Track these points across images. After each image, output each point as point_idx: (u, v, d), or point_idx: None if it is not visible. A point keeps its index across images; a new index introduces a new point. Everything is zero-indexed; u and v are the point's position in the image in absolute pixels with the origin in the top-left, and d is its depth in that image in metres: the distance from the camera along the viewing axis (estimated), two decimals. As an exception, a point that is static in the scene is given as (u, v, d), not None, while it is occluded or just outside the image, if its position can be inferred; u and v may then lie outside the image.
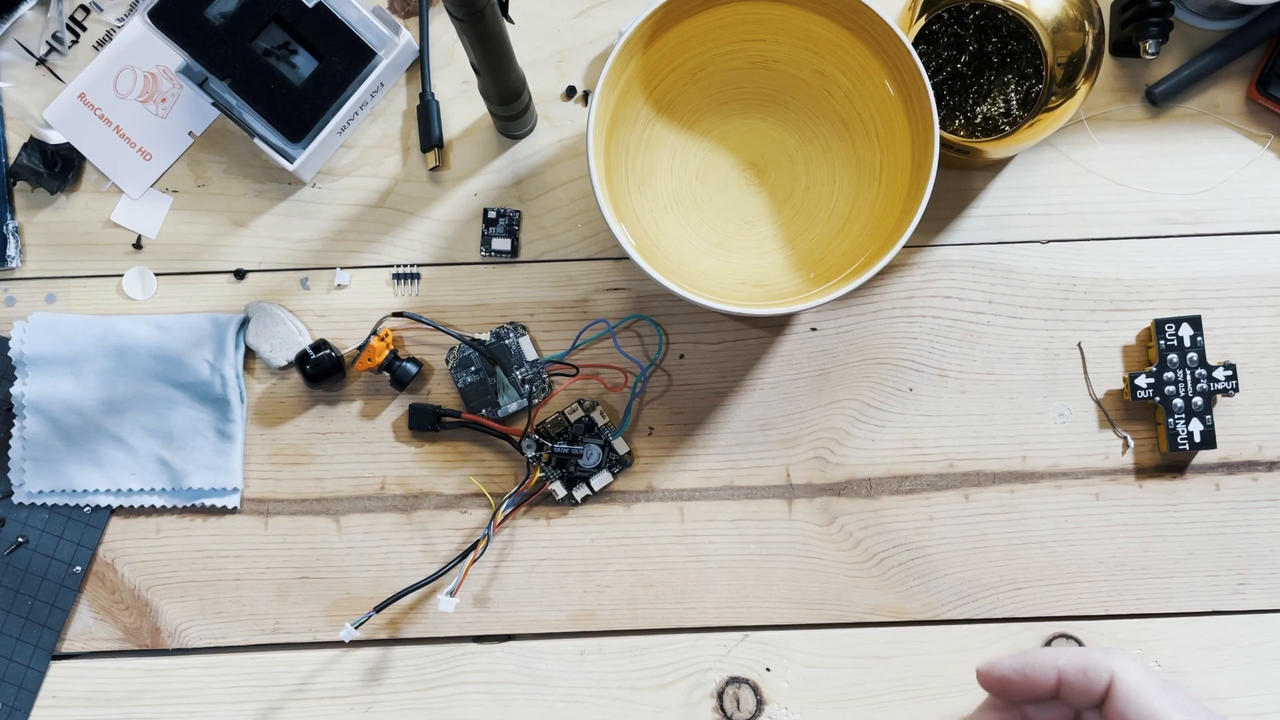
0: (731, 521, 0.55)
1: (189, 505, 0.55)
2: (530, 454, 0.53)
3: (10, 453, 0.54)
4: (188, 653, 0.55)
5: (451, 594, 0.51)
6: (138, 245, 0.56)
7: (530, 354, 0.55)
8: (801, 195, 0.54)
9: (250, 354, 0.56)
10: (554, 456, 0.54)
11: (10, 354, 0.54)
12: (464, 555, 0.53)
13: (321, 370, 0.54)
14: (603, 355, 0.55)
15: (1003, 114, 0.52)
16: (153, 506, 0.55)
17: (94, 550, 0.55)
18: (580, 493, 0.54)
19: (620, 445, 0.54)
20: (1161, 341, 0.54)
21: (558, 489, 0.54)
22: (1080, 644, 0.54)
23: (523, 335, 0.55)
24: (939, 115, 0.47)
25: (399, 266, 0.56)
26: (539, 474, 0.53)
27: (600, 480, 0.54)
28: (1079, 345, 0.55)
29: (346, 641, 0.51)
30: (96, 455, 0.54)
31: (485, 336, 0.55)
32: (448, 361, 0.55)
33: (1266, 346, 0.55)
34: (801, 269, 0.53)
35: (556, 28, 0.57)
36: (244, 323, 0.55)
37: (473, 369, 0.54)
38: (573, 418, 0.54)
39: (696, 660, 0.54)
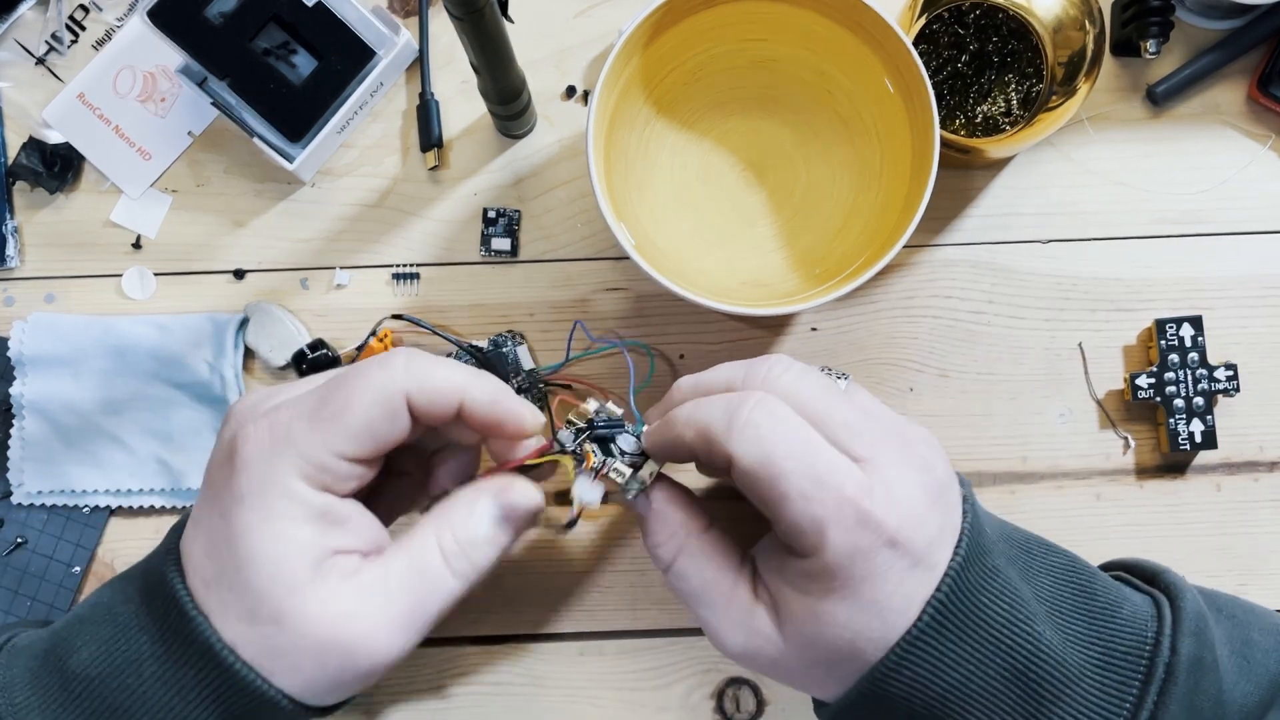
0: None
1: (188, 505, 0.55)
2: (570, 444, 0.44)
3: (9, 453, 0.54)
4: (187, 653, 0.55)
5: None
6: (137, 245, 0.56)
7: (527, 363, 0.54)
8: (802, 195, 0.54)
9: (250, 354, 0.56)
10: (593, 436, 0.44)
11: (9, 354, 0.54)
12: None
13: (318, 370, 0.54)
14: (596, 366, 0.55)
15: (1003, 113, 0.52)
16: (152, 507, 0.55)
17: (93, 551, 0.55)
18: (639, 481, 0.44)
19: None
20: (1162, 341, 0.53)
21: (621, 472, 0.43)
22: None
23: (520, 344, 0.54)
24: (939, 114, 0.47)
25: (398, 266, 0.56)
26: (592, 459, 0.43)
27: (650, 468, 0.44)
28: (1079, 345, 0.55)
29: None
30: (96, 456, 0.54)
31: (483, 343, 0.54)
32: None
33: (1268, 347, 0.55)
34: (802, 269, 0.53)
35: (556, 27, 0.57)
36: (243, 323, 0.55)
37: None
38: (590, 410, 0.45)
39: (696, 660, 0.54)
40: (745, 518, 0.54)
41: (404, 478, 0.45)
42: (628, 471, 0.43)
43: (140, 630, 0.39)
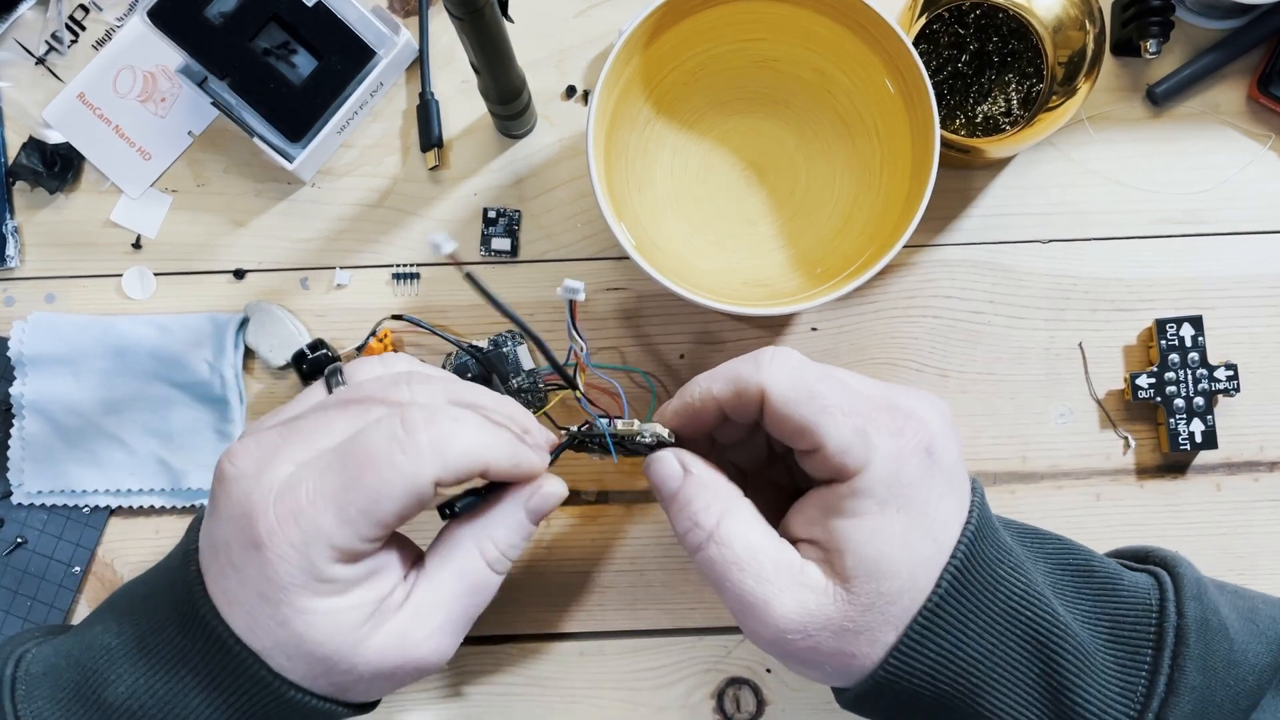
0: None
1: (188, 505, 0.55)
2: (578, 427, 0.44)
3: (9, 453, 0.54)
4: (187, 653, 0.55)
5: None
6: (137, 245, 0.56)
7: (527, 363, 0.54)
8: (802, 195, 0.54)
9: (249, 354, 0.56)
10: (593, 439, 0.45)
11: (9, 354, 0.54)
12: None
13: (318, 369, 0.54)
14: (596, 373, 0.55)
15: (1003, 113, 0.52)
16: (152, 507, 0.55)
17: (93, 550, 0.55)
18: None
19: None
20: (1163, 341, 0.53)
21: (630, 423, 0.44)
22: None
23: (520, 344, 0.54)
24: (939, 114, 0.47)
25: (398, 266, 0.56)
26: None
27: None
28: (1080, 345, 0.55)
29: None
30: (96, 455, 0.54)
31: (483, 343, 0.54)
32: (444, 366, 0.55)
33: (1268, 346, 0.55)
34: (802, 269, 0.53)
35: (556, 27, 0.57)
36: (243, 323, 0.55)
37: (469, 375, 0.54)
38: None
39: (696, 661, 0.54)
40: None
41: None
42: (637, 423, 0.44)
43: (181, 663, 0.40)
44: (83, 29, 0.57)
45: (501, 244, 0.56)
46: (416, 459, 0.38)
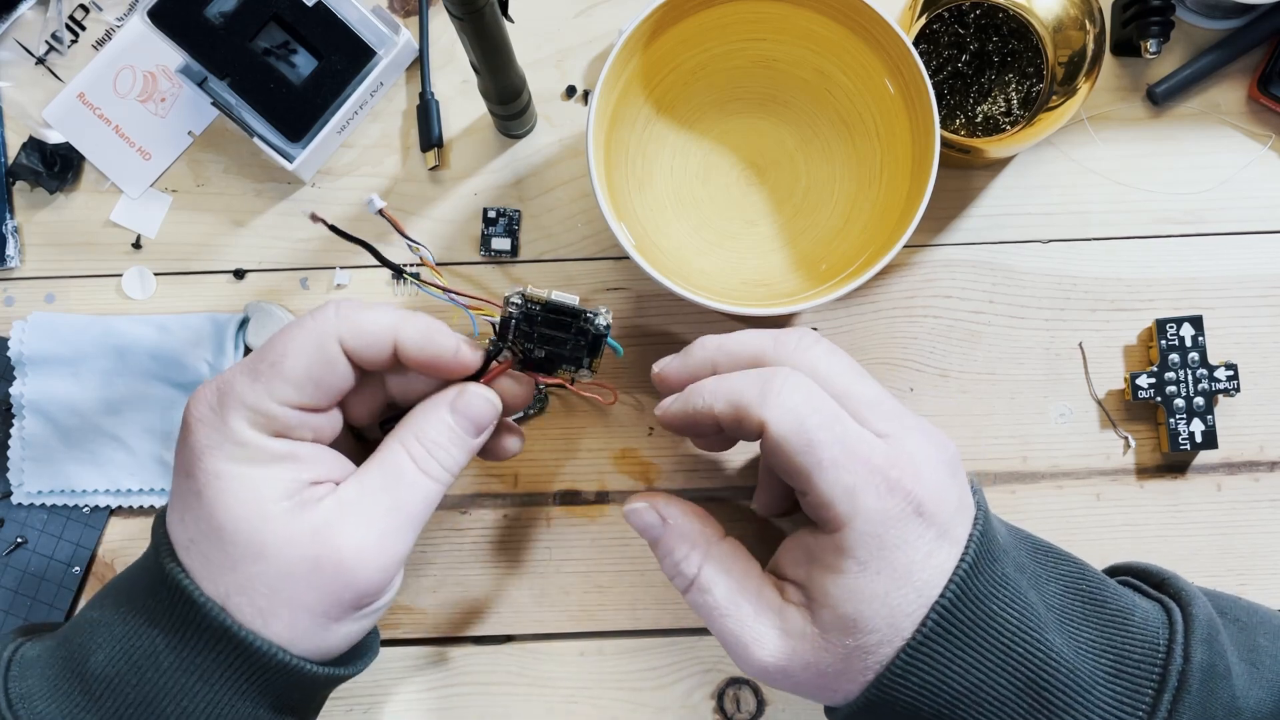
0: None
1: (188, 505, 0.55)
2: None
3: (9, 453, 0.54)
4: (187, 653, 0.55)
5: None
6: (137, 245, 0.56)
7: None
8: (802, 195, 0.54)
9: (249, 354, 0.55)
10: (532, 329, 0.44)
11: (9, 354, 0.54)
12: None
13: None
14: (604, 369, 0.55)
15: (1003, 113, 0.52)
16: (152, 507, 0.55)
17: (93, 551, 0.55)
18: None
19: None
20: (1163, 341, 0.53)
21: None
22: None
23: None
24: (939, 114, 0.47)
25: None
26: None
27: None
28: (1080, 345, 0.55)
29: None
30: (96, 455, 0.54)
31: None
32: None
33: (1268, 346, 0.55)
34: (802, 268, 0.53)
35: (556, 27, 0.57)
36: (243, 323, 0.55)
37: None
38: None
39: (696, 660, 0.54)
40: (753, 539, 0.54)
41: None
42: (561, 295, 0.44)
43: (151, 624, 0.40)
44: (83, 29, 0.57)
45: (501, 244, 0.56)
46: (323, 318, 0.40)
